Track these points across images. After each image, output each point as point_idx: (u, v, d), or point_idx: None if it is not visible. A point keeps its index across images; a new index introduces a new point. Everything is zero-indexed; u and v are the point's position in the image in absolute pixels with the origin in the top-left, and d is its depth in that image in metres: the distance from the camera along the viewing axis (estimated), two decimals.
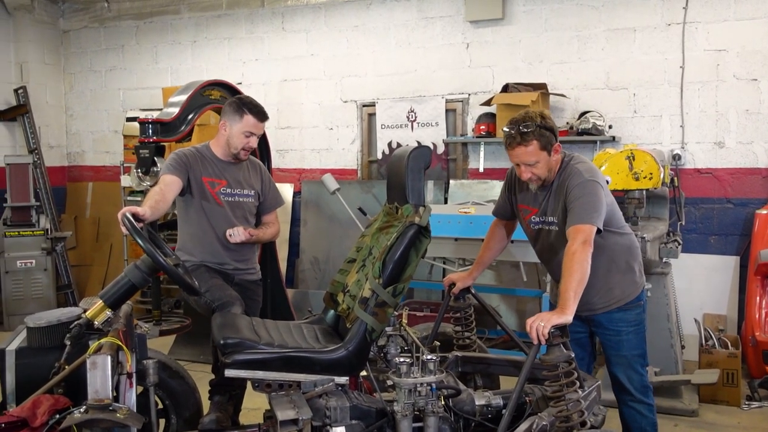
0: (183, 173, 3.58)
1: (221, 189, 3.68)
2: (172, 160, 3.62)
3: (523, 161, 2.99)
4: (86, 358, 2.36)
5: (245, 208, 3.77)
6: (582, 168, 2.97)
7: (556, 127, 3.01)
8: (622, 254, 3.10)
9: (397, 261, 2.73)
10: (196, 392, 3.54)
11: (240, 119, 3.59)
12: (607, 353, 3.17)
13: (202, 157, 3.68)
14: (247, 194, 3.77)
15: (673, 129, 5.73)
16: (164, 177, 3.53)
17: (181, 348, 5.79)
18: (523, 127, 2.94)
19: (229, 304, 3.22)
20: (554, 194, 3.04)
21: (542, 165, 2.98)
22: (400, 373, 2.61)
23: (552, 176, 3.05)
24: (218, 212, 3.69)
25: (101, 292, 2.69)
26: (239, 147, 3.64)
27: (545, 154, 2.96)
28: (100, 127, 8.32)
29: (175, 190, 3.51)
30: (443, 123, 6.53)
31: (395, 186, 2.99)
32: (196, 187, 3.64)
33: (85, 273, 8.06)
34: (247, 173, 3.84)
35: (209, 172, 3.67)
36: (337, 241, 6.92)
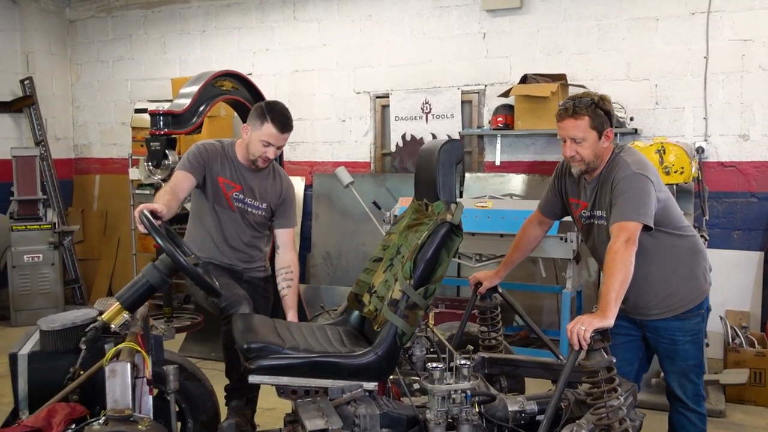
0: (199, 171, 3.43)
1: (235, 194, 3.54)
2: (192, 155, 3.46)
3: (569, 135, 2.84)
4: (104, 365, 2.24)
5: (254, 218, 3.62)
6: (630, 160, 2.81)
7: (614, 114, 2.86)
8: (682, 258, 2.91)
9: (429, 261, 2.60)
10: (213, 395, 3.42)
11: (260, 126, 3.37)
12: (660, 359, 3.02)
13: (224, 155, 3.53)
14: (258, 206, 3.60)
15: (696, 121, 5.58)
16: (177, 173, 3.39)
17: (191, 345, 5.69)
18: (579, 101, 2.82)
19: (237, 304, 3.10)
20: (602, 187, 2.89)
21: (589, 146, 2.83)
22: (433, 380, 2.49)
23: (599, 165, 2.90)
24: (230, 215, 3.56)
25: (118, 293, 2.57)
26: (256, 155, 3.44)
27: (594, 134, 2.82)
28: (108, 119, 8.18)
29: (188, 188, 3.37)
30: (459, 115, 6.38)
31: (424, 181, 2.85)
32: (211, 185, 3.51)
33: (92, 267, 7.95)
34: (267, 184, 3.63)
35: (227, 173, 3.53)
36: (349, 235, 6.79)
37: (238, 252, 3.57)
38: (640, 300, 2.79)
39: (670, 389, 2.98)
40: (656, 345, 2.98)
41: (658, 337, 2.94)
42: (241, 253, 3.58)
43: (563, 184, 3.12)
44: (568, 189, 3.10)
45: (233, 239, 3.55)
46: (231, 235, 3.54)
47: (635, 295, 2.58)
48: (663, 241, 2.83)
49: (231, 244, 3.55)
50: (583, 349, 2.46)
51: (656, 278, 2.85)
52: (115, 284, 7.78)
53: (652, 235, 2.75)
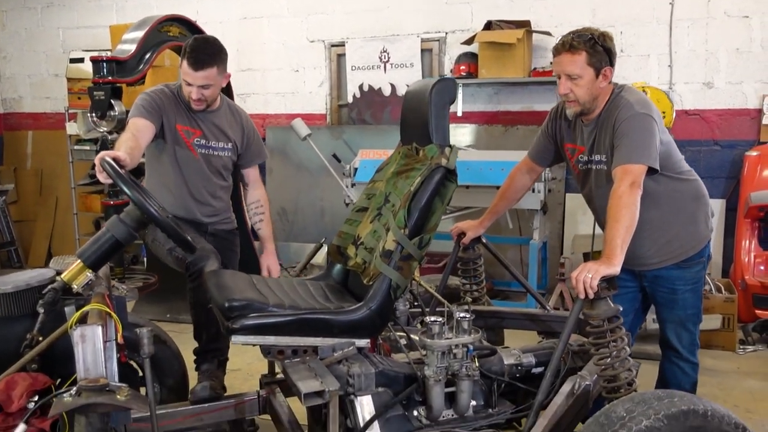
0: (156, 117, 3.12)
1: (196, 139, 3.26)
2: (144, 101, 3.14)
3: (565, 71, 2.68)
4: (69, 330, 1.99)
5: (220, 162, 3.36)
6: (633, 99, 2.65)
7: (614, 52, 2.69)
8: (684, 203, 2.78)
9: (423, 208, 2.41)
10: (179, 358, 3.21)
11: (180, 65, 3.11)
12: (658, 309, 2.91)
13: (175, 100, 3.23)
14: (223, 147, 3.34)
15: (661, 69, 5.51)
16: (135, 121, 3.06)
17: (145, 306, 5.38)
18: (578, 36, 2.65)
19: (204, 259, 2.84)
20: (601, 129, 2.73)
21: (585, 84, 2.66)
22: (432, 334, 2.32)
23: (597, 107, 2.74)
24: (192, 164, 3.28)
25: (79, 250, 2.29)
26: (186, 97, 3.18)
27: (591, 72, 2.65)
28: (38, 71, 7.61)
29: (149, 137, 3.06)
30: (419, 64, 6.16)
31: (413, 124, 2.64)
32: (169, 133, 3.21)
33: (28, 229, 7.48)
34: (225, 123, 3.38)
35: (184, 119, 3.24)
36: (306, 189, 6.54)
37: (203, 205, 3.32)
38: (639, 248, 2.66)
39: (666, 338, 2.90)
40: (654, 294, 2.88)
41: (657, 287, 2.84)
42: (206, 206, 3.33)
43: (558, 128, 2.95)
44: (563, 133, 2.93)
45: (197, 191, 3.29)
46: (195, 186, 3.28)
47: (634, 244, 2.45)
48: (665, 185, 2.71)
49: (195, 196, 3.29)
50: (590, 297, 2.33)
51: (656, 225, 2.73)
52: (54, 246, 7.34)
53: (653, 180, 2.61)
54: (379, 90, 6.33)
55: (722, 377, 4.17)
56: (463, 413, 2.40)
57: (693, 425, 2.04)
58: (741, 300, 4.81)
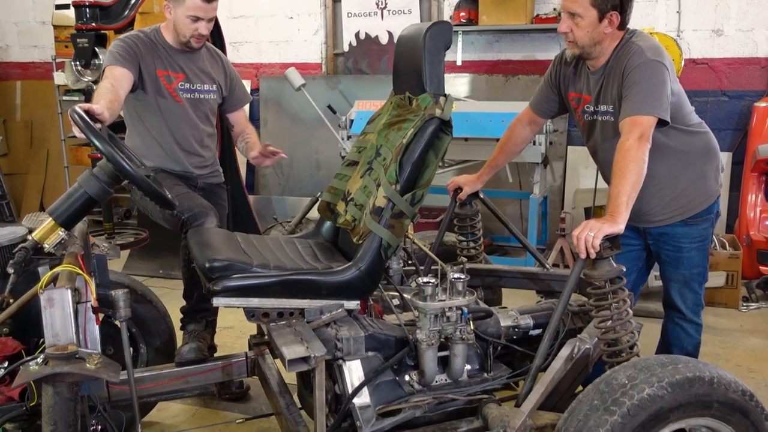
0: (134, 65, 2.95)
1: (179, 84, 3.09)
2: (119, 48, 2.95)
3: (567, 8, 2.51)
4: (38, 292, 1.87)
5: (207, 106, 3.20)
6: (644, 45, 2.47)
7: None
8: (693, 157, 2.62)
9: (416, 162, 2.26)
10: (166, 318, 3.10)
11: (184, 0, 2.94)
12: (662, 267, 2.79)
13: (153, 44, 3.05)
14: (209, 89, 3.19)
15: (669, 15, 5.28)
16: (112, 69, 2.88)
17: (137, 262, 5.27)
18: None
19: (203, 215, 2.71)
20: (609, 77, 2.55)
21: (586, 26, 2.49)
22: (425, 296, 2.20)
23: (600, 54, 2.56)
24: (177, 111, 3.12)
25: (50, 207, 2.15)
26: (187, 34, 3.01)
27: (595, 13, 2.47)
28: (26, 18, 7.36)
29: (127, 86, 2.89)
30: (417, 10, 5.92)
31: (405, 72, 2.47)
32: (150, 81, 3.04)
33: (20, 182, 7.33)
34: (207, 64, 3.23)
35: (164, 63, 3.06)
36: (301, 142, 6.37)
37: (191, 155, 3.17)
38: (645, 205, 2.52)
39: (669, 298, 2.78)
40: (659, 252, 2.75)
41: (662, 244, 2.71)
42: (194, 156, 3.18)
43: (561, 76, 2.78)
44: (567, 81, 2.76)
45: (184, 140, 3.13)
46: (182, 135, 3.12)
47: (639, 200, 2.31)
48: (674, 138, 2.55)
49: (183, 146, 3.14)
50: (591, 257, 2.20)
51: (664, 180, 2.58)
52: (46, 199, 7.21)
53: (662, 132, 2.46)
54: (375, 38, 6.11)
55: (725, 335, 4.08)
56: (457, 378, 2.29)
57: (698, 393, 1.93)
58: (745, 256, 4.70)
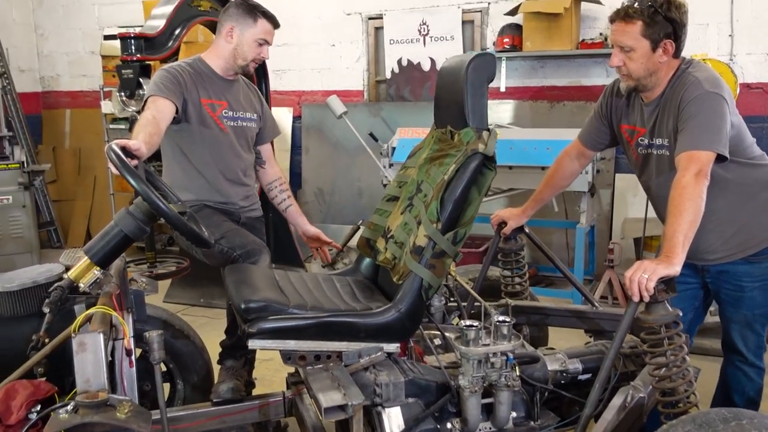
0: (178, 95, 2.91)
1: (223, 112, 3.06)
2: (163, 78, 2.92)
3: (617, 41, 2.41)
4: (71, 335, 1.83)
5: (248, 134, 3.17)
6: (701, 77, 2.35)
7: (681, 23, 2.38)
8: (754, 191, 2.49)
9: (458, 200, 2.18)
10: (204, 353, 3.05)
11: (254, 23, 2.98)
12: (721, 307, 2.64)
13: (197, 73, 3.03)
14: (250, 118, 3.17)
15: (721, 39, 5.11)
16: (155, 100, 2.84)
17: (178, 291, 5.28)
18: (637, 2, 2.36)
19: (257, 253, 2.66)
20: (664, 109, 2.44)
21: (639, 58, 2.38)
22: (468, 340, 2.10)
23: (656, 84, 2.45)
24: (222, 141, 3.07)
25: (86, 246, 2.12)
26: (250, 58, 3.02)
27: (647, 44, 2.36)
28: (75, 48, 7.55)
29: (168, 118, 2.84)
30: (459, 37, 5.86)
31: (447, 105, 2.40)
32: (194, 110, 3.00)
33: (67, 208, 7.46)
34: (243, 93, 3.21)
35: (208, 92, 3.04)
36: (343, 170, 6.35)
37: (236, 185, 3.12)
38: (703, 242, 2.39)
39: (730, 340, 2.62)
40: (718, 291, 2.59)
41: (722, 283, 2.56)
42: (239, 186, 3.13)
43: (613, 108, 2.67)
44: (620, 113, 2.65)
45: (230, 170, 3.09)
46: (227, 164, 3.08)
47: (697, 236, 2.17)
48: (734, 172, 2.41)
49: (228, 176, 3.08)
50: (645, 300, 2.08)
51: (723, 215, 2.44)
52: (93, 226, 7.32)
53: (721, 166, 2.32)
54: (418, 65, 6.06)
55: None
56: (502, 426, 2.18)
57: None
58: None
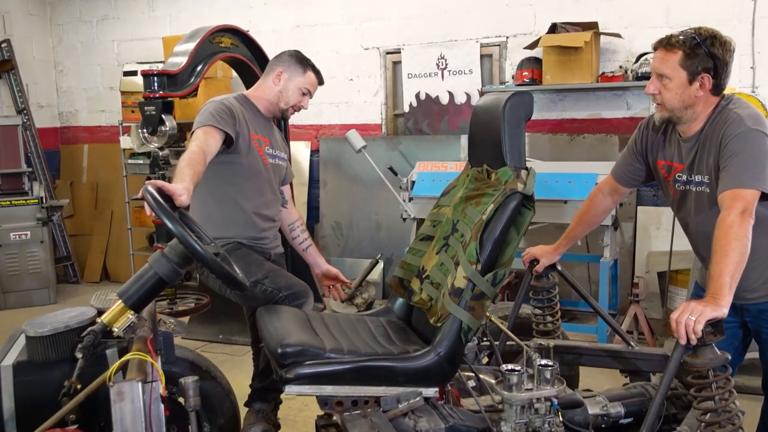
0: (231, 126, 2.82)
1: (267, 148, 3.06)
2: (218, 109, 2.82)
3: (655, 68, 2.41)
4: (108, 383, 1.79)
5: (281, 173, 3.17)
6: (743, 114, 2.33)
7: (724, 60, 2.35)
8: None
9: (497, 240, 2.14)
10: (231, 394, 2.98)
11: (303, 73, 3.07)
12: (762, 347, 2.56)
13: (244, 108, 3.01)
14: (284, 157, 3.19)
15: (743, 71, 5.08)
16: (206, 130, 2.71)
17: (196, 327, 5.23)
18: (682, 33, 2.36)
19: (303, 295, 2.62)
20: (704, 145, 2.41)
21: (674, 88, 2.36)
22: (510, 385, 2.04)
23: (692, 118, 2.43)
24: (265, 176, 3.04)
25: (120, 289, 2.09)
26: (291, 103, 3.07)
27: (684, 75, 2.34)
28: (94, 84, 7.61)
29: (215, 150, 2.72)
30: (478, 70, 5.86)
31: (483, 144, 2.37)
32: (244, 144, 2.93)
33: (84, 243, 7.46)
34: (277, 134, 3.24)
35: (255, 127, 3.02)
36: (361, 204, 6.32)
37: (270, 221, 3.08)
38: (743, 280, 2.32)
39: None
40: (758, 330, 2.53)
41: (762, 322, 2.49)
42: (272, 222, 3.10)
43: (649, 143, 2.63)
44: (656, 149, 2.61)
45: (266, 206, 3.05)
46: (266, 200, 3.05)
47: None
48: None
49: (265, 212, 3.04)
50: (692, 343, 2.02)
51: (763, 254, 2.39)
52: (109, 261, 7.31)
53: (761, 204, 2.28)
54: (436, 98, 6.07)
55: None
56: None
57: None
58: None
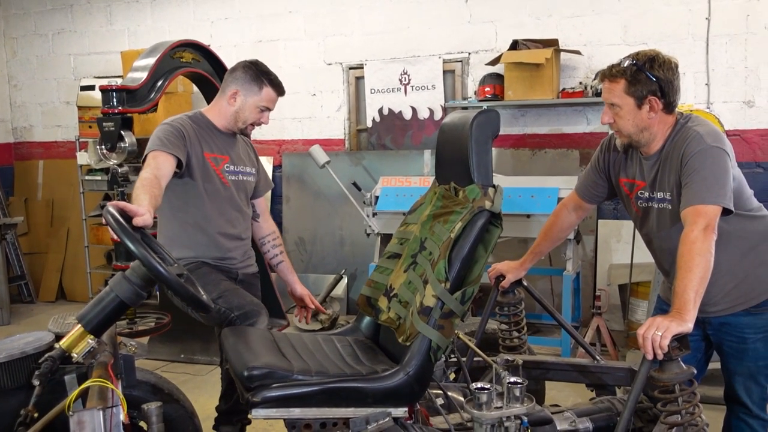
0: (181, 150, 2.82)
1: (225, 166, 3.01)
2: (166, 132, 2.83)
3: (605, 99, 2.49)
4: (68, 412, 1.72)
5: (248, 188, 3.12)
6: (703, 131, 2.37)
7: (668, 80, 2.40)
8: (754, 242, 2.49)
9: (465, 258, 2.14)
10: (194, 417, 2.90)
11: (258, 91, 2.98)
12: (724, 359, 2.60)
13: (199, 127, 2.97)
14: (250, 172, 3.13)
15: (698, 87, 5.21)
16: (156, 156, 2.73)
17: (157, 347, 5.12)
18: (625, 60, 2.42)
19: (255, 314, 2.58)
20: (665, 163, 2.45)
21: (626, 115, 2.42)
22: (480, 404, 2.03)
23: (653, 139, 2.47)
24: (223, 195, 3.00)
25: (79, 313, 2.02)
26: (249, 122, 3.00)
27: (631, 102, 2.40)
28: (50, 98, 7.44)
29: (169, 174, 2.74)
30: (440, 86, 5.90)
31: (451, 161, 2.37)
32: (197, 165, 2.92)
33: (39, 261, 7.26)
34: (243, 147, 3.19)
35: (210, 146, 2.98)
36: (324, 219, 6.29)
37: (235, 240, 3.04)
38: (705, 295, 2.37)
39: (733, 392, 2.58)
40: (720, 343, 2.57)
41: (724, 335, 2.53)
42: (238, 241, 3.06)
43: (610, 162, 2.67)
44: (618, 167, 2.65)
45: (231, 224, 3.02)
46: (229, 219, 3.01)
47: None
48: (734, 224, 2.41)
49: (228, 231, 3.01)
50: (659, 358, 2.04)
51: (724, 268, 2.43)
52: (66, 280, 7.12)
53: (723, 219, 2.32)
54: (399, 113, 6.08)
55: None
56: None
57: None
58: None
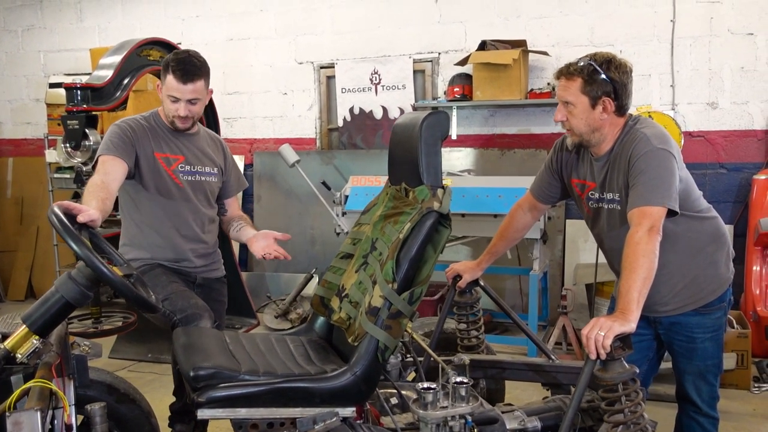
0: (129, 153, 2.83)
1: (179, 166, 2.99)
2: (114, 135, 2.85)
3: (560, 97, 2.52)
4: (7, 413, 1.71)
5: (208, 189, 3.08)
6: (649, 133, 2.41)
7: (621, 82, 2.44)
8: (702, 243, 2.53)
9: (414, 258, 2.15)
10: (151, 417, 2.89)
11: (165, 80, 2.87)
12: (674, 358, 2.65)
13: (150, 128, 2.96)
14: (210, 172, 3.08)
15: (663, 89, 5.29)
16: (104, 161, 2.76)
17: (124, 346, 5.09)
18: (578, 60, 2.48)
19: (196, 317, 2.58)
20: (614, 164, 2.48)
21: (579, 114, 2.46)
22: (425, 403, 2.05)
23: (602, 140, 2.51)
24: (177, 194, 2.99)
25: (24, 313, 2.01)
26: (170, 114, 2.93)
27: (586, 101, 2.43)
28: (19, 95, 7.37)
29: (120, 177, 2.77)
30: (411, 86, 5.92)
31: (401, 162, 2.39)
32: (147, 165, 2.92)
33: (8, 260, 7.18)
34: (207, 146, 3.14)
35: (161, 146, 2.96)
36: (295, 218, 6.29)
37: (192, 241, 3.02)
38: (655, 294, 2.41)
39: (683, 391, 2.63)
40: (671, 342, 2.61)
41: (674, 334, 2.58)
42: (196, 242, 3.03)
43: (563, 163, 2.70)
44: (569, 167, 2.68)
45: (186, 226, 2.99)
46: (182, 219, 2.98)
47: (650, 289, 2.20)
48: (682, 225, 2.45)
49: (183, 232, 2.99)
50: (602, 358, 2.07)
51: (673, 268, 2.48)
52: (35, 278, 7.05)
53: (671, 220, 2.36)
54: (370, 113, 6.10)
55: (738, 420, 3.89)
56: None
57: None
58: (754, 334, 4.54)
